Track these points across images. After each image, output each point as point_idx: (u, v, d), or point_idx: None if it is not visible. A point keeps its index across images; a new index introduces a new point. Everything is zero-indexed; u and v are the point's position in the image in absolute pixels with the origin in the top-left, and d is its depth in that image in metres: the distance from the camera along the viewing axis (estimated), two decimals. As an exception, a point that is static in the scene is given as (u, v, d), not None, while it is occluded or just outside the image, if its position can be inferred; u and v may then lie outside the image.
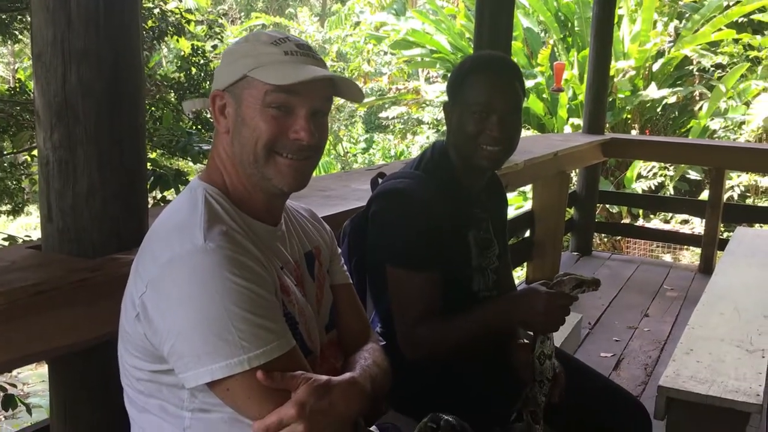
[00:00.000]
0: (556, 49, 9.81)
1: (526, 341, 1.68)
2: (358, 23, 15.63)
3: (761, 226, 5.98)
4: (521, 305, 1.60)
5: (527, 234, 5.07)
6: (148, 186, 2.81)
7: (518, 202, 8.64)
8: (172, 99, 4.89)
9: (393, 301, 1.66)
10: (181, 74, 4.96)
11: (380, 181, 1.82)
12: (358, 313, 1.41)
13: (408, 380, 1.72)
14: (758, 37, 8.89)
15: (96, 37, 1.44)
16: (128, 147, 1.53)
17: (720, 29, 8.74)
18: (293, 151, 1.15)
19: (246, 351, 1.01)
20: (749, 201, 9.15)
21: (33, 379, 6.43)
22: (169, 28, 5.05)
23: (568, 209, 5.64)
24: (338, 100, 14.24)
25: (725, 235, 6.03)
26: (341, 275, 1.40)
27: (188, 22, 5.19)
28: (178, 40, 5.51)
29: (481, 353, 1.67)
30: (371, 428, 1.28)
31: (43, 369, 6.31)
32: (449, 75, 1.79)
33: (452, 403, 1.46)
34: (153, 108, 4.61)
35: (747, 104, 8.81)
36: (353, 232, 1.81)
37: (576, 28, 9.62)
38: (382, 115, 14.26)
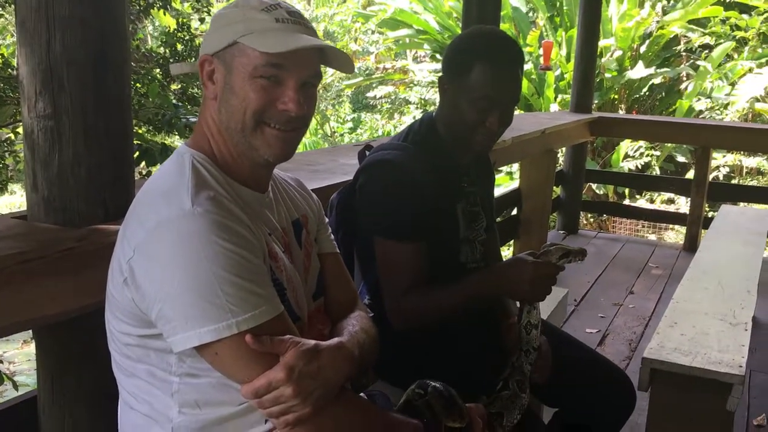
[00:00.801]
0: (544, 28, 9.78)
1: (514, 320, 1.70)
2: (345, 0, 15.51)
3: (746, 205, 6.04)
4: (508, 275, 1.60)
5: (514, 212, 5.09)
6: (135, 160, 2.79)
7: (505, 182, 8.65)
8: (158, 75, 4.83)
9: (381, 273, 1.67)
10: (167, 49, 4.91)
11: (368, 153, 1.81)
12: (345, 282, 1.41)
13: (395, 351, 1.73)
14: (745, 16, 8.90)
15: (81, 4, 1.42)
16: (114, 116, 1.52)
17: (706, 8, 8.74)
18: (281, 122, 1.15)
19: (234, 315, 1.01)
20: (734, 181, 9.22)
21: (19, 358, 6.41)
22: (156, 1, 4.97)
23: (555, 188, 5.66)
24: (326, 78, 14.12)
25: (710, 214, 6.08)
26: (328, 244, 1.40)
27: (173, -6, 5.12)
28: (165, 13, 5.42)
29: (467, 323, 1.68)
30: (360, 395, 1.29)
31: (30, 348, 6.28)
32: (451, 47, 1.73)
33: (439, 373, 1.47)
34: (138, 84, 4.56)
35: (733, 84, 8.84)
36: (340, 205, 1.81)
37: (564, 8, 9.59)
38: (370, 94, 14.20)
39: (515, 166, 7.97)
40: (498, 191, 6.65)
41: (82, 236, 1.44)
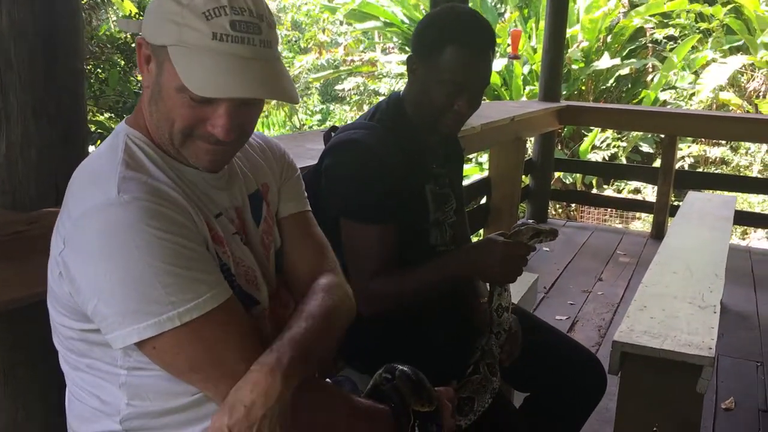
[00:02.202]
0: (514, 20, 9.80)
1: (484, 300, 1.67)
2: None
3: (712, 193, 6.10)
4: (478, 255, 1.57)
5: (483, 200, 5.08)
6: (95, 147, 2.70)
7: (475, 172, 8.66)
8: (119, 61, 4.72)
9: (347, 256, 1.62)
10: (128, 35, 4.79)
11: (333, 135, 1.76)
12: (306, 246, 1.28)
13: (363, 337, 1.69)
14: (709, 6, 9.02)
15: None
16: (66, 95, 1.44)
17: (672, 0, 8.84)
18: (211, 141, 1.04)
19: (175, 306, 0.94)
20: (699, 170, 9.34)
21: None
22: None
23: (524, 177, 5.66)
24: (293, 70, 13.96)
25: (676, 203, 6.14)
26: (293, 203, 1.30)
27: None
28: (113, 6, 5.29)
29: (436, 307, 1.64)
30: (326, 380, 1.24)
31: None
32: (422, 25, 1.67)
33: (408, 359, 1.43)
34: (99, 70, 4.44)
35: (696, 74, 8.96)
36: (306, 188, 1.75)
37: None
38: (338, 87, 14.11)
39: (485, 157, 7.98)
40: (467, 180, 6.66)
41: (32, 219, 1.36)
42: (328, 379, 1.29)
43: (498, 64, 9.22)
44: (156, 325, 0.94)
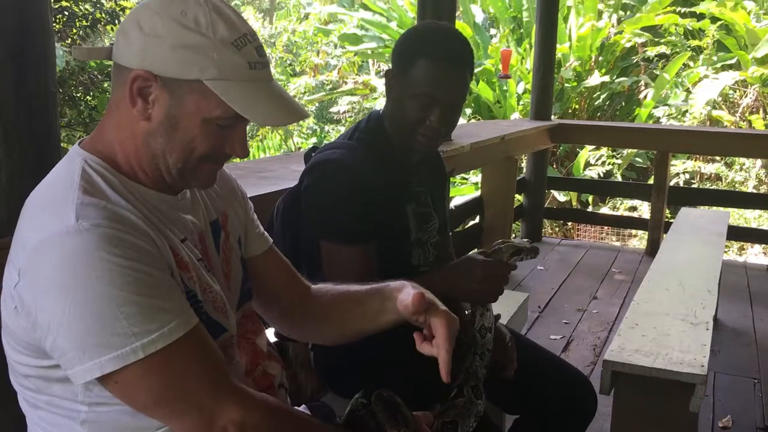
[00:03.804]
0: (506, 40, 9.84)
1: (468, 312, 1.63)
2: (307, 15, 15.48)
3: (707, 208, 6.09)
4: (457, 275, 1.53)
5: (477, 220, 5.06)
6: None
7: (471, 192, 8.64)
8: (109, 87, 4.72)
9: (328, 277, 1.58)
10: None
11: (314, 154, 1.73)
12: (291, 274, 1.33)
13: (344, 360, 1.65)
14: (699, 21, 9.06)
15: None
16: (38, 118, 1.43)
17: (662, 15, 8.89)
18: (219, 162, 1.08)
19: (138, 338, 0.90)
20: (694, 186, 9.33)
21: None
22: (103, 15, 4.84)
23: (517, 196, 5.65)
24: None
25: (671, 219, 6.12)
26: (261, 242, 1.30)
27: (123, 9, 4.96)
28: (112, 30, 5.30)
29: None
30: (300, 407, 1.20)
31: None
32: (399, 40, 1.66)
33: (390, 382, 1.39)
34: (88, 96, 4.44)
35: (688, 91, 8.98)
36: (286, 210, 1.73)
37: (525, 19, 9.66)
38: (333, 109, 14.14)
39: (480, 177, 7.97)
40: (460, 199, 6.64)
41: (3, 246, 1.33)
42: (304, 406, 1.25)
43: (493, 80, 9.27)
44: (118, 358, 0.90)
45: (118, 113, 1.04)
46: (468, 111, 9.46)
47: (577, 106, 9.62)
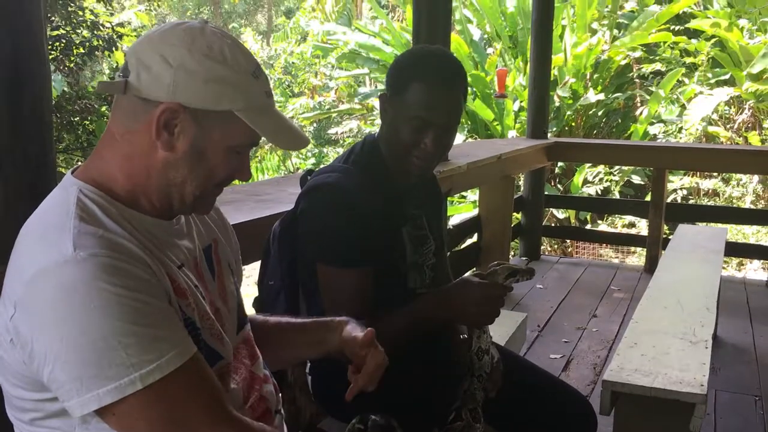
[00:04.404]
0: (503, 57, 9.90)
1: (465, 336, 1.62)
2: (305, 37, 15.59)
3: (705, 225, 6.09)
4: (453, 297, 1.53)
5: (475, 239, 5.06)
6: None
7: (469, 210, 8.64)
8: (107, 112, 4.73)
9: (325, 301, 1.59)
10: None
11: (309, 178, 1.74)
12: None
13: (342, 384, 1.64)
14: (694, 41, 9.13)
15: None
16: (33, 145, 1.43)
17: (655, 33, 8.95)
18: (225, 186, 1.11)
19: (136, 368, 0.90)
20: (692, 202, 9.35)
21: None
22: (100, 42, 4.86)
23: (515, 214, 5.65)
24: (284, 113, 14.19)
25: (670, 236, 6.12)
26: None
27: (120, 36, 4.98)
28: (109, 56, 5.34)
29: (417, 351, 1.60)
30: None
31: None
32: (393, 64, 1.67)
33: (389, 406, 1.39)
34: (86, 121, 4.46)
35: (683, 107, 9.02)
36: (283, 234, 1.73)
37: (520, 39, 9.73)
38: (332, 131, 14.20)
39: (478, 196, 7.98)
40: (459, 218, 6.63)
41: (-2, 274, 1.33)
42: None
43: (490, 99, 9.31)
44: (117, 389, 0.89)
45: (127, 144, 1.03)
46: (465, 129, 9.50)
47: (573, 124, 9.66)
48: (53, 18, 5.62)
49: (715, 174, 9.06)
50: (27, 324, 0.92)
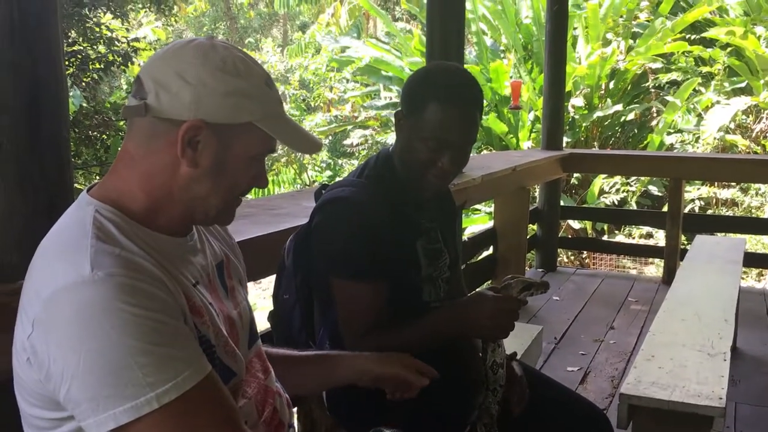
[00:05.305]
0: (516, 69, 9.91)
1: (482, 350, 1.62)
2: (318, 51, 15.69)
3: (723, 235, 6.04)
4: (467, 311, 1.53)
5: (490, 251, 5.05)
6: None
7: (485, 222, 8.63)
8: (124, 126, 4.80)
9: (340, 314, 1.59)
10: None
11: (324, 192, 1.75)
12: None
13: (356, 397, 1.64)
14: (709, 50, 9.08)
15: (11, 46, 1.37)
16: (50, 163, 1.45)
17: (671, 42, 8.92)
18: (246, 194, 1.14)
19: (153, 387, 0.90)
20: (710, 212, 9.27)
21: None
22: (117, 57, 4.92)
23: (531, 226, 5.63)
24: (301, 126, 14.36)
25: (687, 246, 6.07)
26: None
27: (135, 51, 5.04)
28: (124, 71, 5.40)
29: (431, 364, 1.60)
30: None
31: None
32: (409, 81, 1.67)
33: (403, 420, 1.39)
34: (104, 136, 4.51)
35: (700, 117, 8.97)
36: (297, 248, 1.74)
37: (535, 50, 9.74)
38: (346, 142, 14.25)
39: (493, 207, 7.97)
40: (474, 229, 6.61)
41: (15, 291, 1.34)
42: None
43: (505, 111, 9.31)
44: (133, 409, 0.90)
45: (146, 163, 1.04)
46: (479, 141, 9.50)
47: (589, 135, 9.62)
48: (70, 34, 5.74)
49: (733, 183, 8.99)
50: (44, 343, 0.92)
